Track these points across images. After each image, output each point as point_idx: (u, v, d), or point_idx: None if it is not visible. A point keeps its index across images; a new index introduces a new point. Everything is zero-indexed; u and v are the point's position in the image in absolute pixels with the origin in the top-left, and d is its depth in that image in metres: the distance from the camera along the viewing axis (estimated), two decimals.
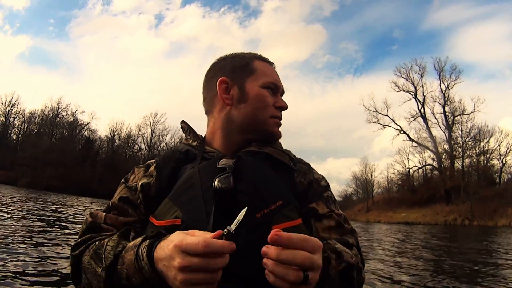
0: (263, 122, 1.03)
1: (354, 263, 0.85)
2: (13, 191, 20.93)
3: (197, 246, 0.62)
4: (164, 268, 0.68)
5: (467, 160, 42.33)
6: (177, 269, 0.65)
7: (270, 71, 1.09)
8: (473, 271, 5.62)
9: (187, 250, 0.64)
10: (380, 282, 4.44)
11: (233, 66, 1.07)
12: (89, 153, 48.51)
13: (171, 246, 0.66)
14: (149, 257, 0.71)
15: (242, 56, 1.10)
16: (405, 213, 40.62)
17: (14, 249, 4.10)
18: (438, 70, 46.38)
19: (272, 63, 1.13)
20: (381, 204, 49.48)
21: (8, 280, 2.94)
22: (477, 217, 33.90)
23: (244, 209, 0.69)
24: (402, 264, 6.13)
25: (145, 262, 0.72)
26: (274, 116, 1.05)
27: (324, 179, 1.08)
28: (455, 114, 44.34)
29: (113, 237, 0.85)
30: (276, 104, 1.06)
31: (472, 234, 17.93)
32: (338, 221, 0.97)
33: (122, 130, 53.50)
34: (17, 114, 49.44)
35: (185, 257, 0.64)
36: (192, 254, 0.63)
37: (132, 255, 0.75)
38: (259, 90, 1.04)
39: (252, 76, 1.05)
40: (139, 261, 0.73)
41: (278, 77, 1.10)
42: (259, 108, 1.03)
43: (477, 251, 9.01)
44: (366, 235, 14.46)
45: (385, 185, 52.75)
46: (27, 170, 41.02)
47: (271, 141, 1.06)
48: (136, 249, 0.75)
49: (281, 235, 0.63)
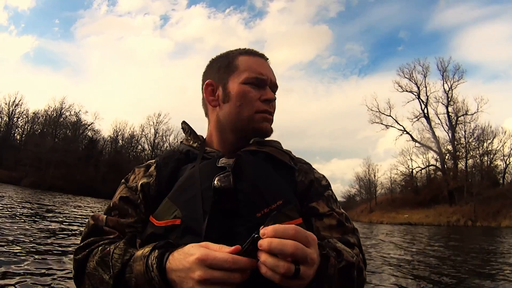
0: (249, 119, 1.01)
1: (355, 262, 0.84)
2: (15, 191, 20.99)
3: (226, 263, 0.64)
4: (178, 279, 0.69)
5: (471, 161, 42.11)
6: (196, 282, 0.66)
7: (256, 64, 1.05)
8: (477, 273, 5.59)
9: (213, 265, 0.65)
10: (384, 283, 4.42)
11: (218, 66, 1.08)
12: (92, 153, 48.63)
13: (192, 259, 0.67)
14: (160, 269, 0.72)
15: (227, 55, 1.09)
16: (408, 214, 40.47)
17: (17, 250, 4.11)
18: (441, 70, 46.21)
19: (261, 55, 1.10)
20: (384, 205, 49.30)
21: (10, 281, 2.95)
22: (480, 218, 33.70)
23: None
24: (405, 265, 6.11)
25: (155, 273, 0.72)
26: (260, 110, 1.02)
27: (325, 179, 1.08)
28: (459, 114, 44.18)
29: (119, 245, 0.84)
30: (262, 98, 1.02)
31: (475, 235, 17.84)
32: (339, 219, 0.96)
33: (125, 130, 53.79)
34: (21, 114, 49.68)
35: (207, 270, 0.65)
36: (216, 269, 0.65)
37: (142, 266, 0.75)
38: (240, 86, 1.02)
39: (235, 73, 1.04)
40: (149, 272, 0.73)
41: (266, 69, 1.07)
42: (242, 105, 1.01)
43: (481, 252, 8.96)
44: (368, 235, 14.41)
45: (388, 186, 52.64)
46: (31, 170, 41.16)
47: (262, 137, 1.05)
48: (145, 260, 0.75)
49: (267, 228, 0.65)
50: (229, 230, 0.85)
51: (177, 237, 0.84)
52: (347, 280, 0.81)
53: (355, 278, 0.83)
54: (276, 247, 0.62)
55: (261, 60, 1.08)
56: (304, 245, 0.65)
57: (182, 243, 0.80)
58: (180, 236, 0.84)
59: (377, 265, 5.83)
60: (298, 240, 0.64)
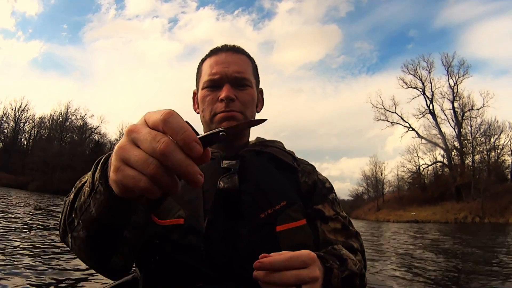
0: (211, 121, 1.02)
1: (357, 271, 0.86)
2: (19, 195, 21.16)
3: (152, 117, 0.45)
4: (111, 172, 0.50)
5: (478, 156, 41.75)
6: (117, 157, 0.46)
7: (211, 65, 1.02)
8: (485, 271, 5.54)
9: (136, 139, 0.45)
10: (391, 282, 4.40)
11: (196, 74, 1.10)
12: (98, 157, 48.77)
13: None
14: (107, 161, 0.58)
15: (200, 61, 1.10)
16: (415, 212, 40.25)
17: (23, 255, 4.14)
18: (446, 65, 45.89)
19: (222, 48, 1.06)
20: (391, 202, 49.15)
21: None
22: (488, 214, 33.38)
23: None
24: (411, 264, 6.08)
25: (101, 162, 0.60)
26: (218, 111, 0.99)
27: (328, 181, 1.08)
28: (465, 109, 43.82)
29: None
30: (219, 98, 0.99)
31: (483, 232, 17.68)
32: (343, 223, 0.98)
33: None
34: (27, 119, 50.12)
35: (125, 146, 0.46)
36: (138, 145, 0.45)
37: (91, 169, 0.65)
38: (201, 92, 1.04)
39: (200, 79, 1.07)
40: (98, 164, 0.62)
41: (221, 65, 1.01)
42: (204, 109, 1.03)
43: (489, 250, 8.88)
44: (372, 235, 14.35)
45: (395, 183, 52.38)
46: (37, 174, 41.48)
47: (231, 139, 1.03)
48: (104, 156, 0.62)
49: (263, 262, 0.67)
50: (232, 231, 0.85)
51: (179, 236, 0.84)
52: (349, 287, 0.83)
53: (357, 285, 0.85)
54: (275, 282, 0.67)
55: (219, 56, 1.04)
56: (301, 268, 0.68)
57: (185, 243, 0.80)
58: (183, 235, 0.84)
59: (382, 266, 5.80)
60: (294, 268, 0.67)
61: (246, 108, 1.01)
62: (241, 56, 1.05)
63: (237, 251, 0.83)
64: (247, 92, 1.02)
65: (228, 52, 1.04)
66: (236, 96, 0.99)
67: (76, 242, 0.72)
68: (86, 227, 0.67)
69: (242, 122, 0.66)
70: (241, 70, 1.02)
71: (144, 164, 0.42)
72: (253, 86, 1.05)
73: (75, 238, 0.71)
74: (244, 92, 1.01)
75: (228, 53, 1.03)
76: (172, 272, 0.83)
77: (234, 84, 1.00)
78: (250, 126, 0.58)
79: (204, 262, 0.82)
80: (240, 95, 1.00)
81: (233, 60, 1.02)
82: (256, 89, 1.09)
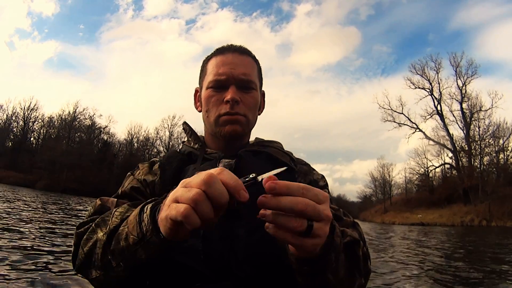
0: (215, 123, 1.02)
1: (360, 239, 0.82)
2: (26, 193, 21.38)
3: (199, 178, 0.59)
4: (162, 212, 0.63)
5: (486, 158, 41.25)
6: (169, 199, 0.60)
7: (217, 65, 1.02)
8: (495, 272, 5.48)
9: (191, 183, 0.59)
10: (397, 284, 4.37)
11: (200, 72, 1.10)
12: (106, 156, 49.21)
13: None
14: (153, 210, 0.68)
15: (205, 59, 1.10)
16: (422, 214, 39.88)
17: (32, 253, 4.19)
18: (454, 66, 45.48)
19: (229, 48, 1.06)
20: (399, 205, 48.85)
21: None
22: (495, 217, 32.89)
23: (283, 168, 0.65)
24: (417, 268, 6.03)
25: (147, 214, 0.68)
26: (222, 113, 1.00)
27: (323, 179, 1.08)
28: (473, 111, 43.33)
29: (123, 205, 0.84)
30: (224, 99, 1.00)
31: (491, 235, 17.44)
32: (335, 214, 0.93)
33: (140, 133, 54.17)
34: (37, 119, 50.67)
35: (185, 188, 0.59)
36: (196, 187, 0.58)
37: (136, 211, 0.72)
38: (205, 92, 1.04)
39: (204, 78, 1.06)
40: (141, 214, 0.70)
41: (228, 65, 1.01)
42: (207, 110, 1.03)
43: (497, 252, 8.77)
44: (377, 236, 14.25)
45: (403, 185, 52.00)
46: (45, 173, 41.88)
47: (231, 140, 1.03)
48: (142, 206, 0.73)
49: (279, 183, 0.57)
50: (230, 231, 0.85)
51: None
52: (352, 256, 0.79)
53: (360, 256, 0.81)
54: (286, 205, 0.55)
55: (226, 56, 1.04)
56: (316, 203, 0.57)
57: (183, 243, 0.80)
58: None
59: (386, 268, 5.76)
60: (308, 198, 0.57)
61: (249, 111, 1.03)
62: (248, 58, 1.06)
63: (235, 252, 0.84)
64: (251, 95, 1.03)
65: (235, 53, 1.04)
66: (241, 99, 1.00)
67: (111, 279, 0.77)
68: (129, 269, 0.74)
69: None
70: (247, 73, 1.02)
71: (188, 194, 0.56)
72: (257, 89, 1.06)
73: (111, 276, 0.76)
74: (249, 95, 1.02)
75: (235, 54, 1.03)
76: (170, 273, 0.84)
77: (239, 86, 1.01)
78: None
79: (202, 263, 0.82)
80: (244, 98, 1.01)
81: (240, 62, 1.02)
82: (260, 91, 1.10)
